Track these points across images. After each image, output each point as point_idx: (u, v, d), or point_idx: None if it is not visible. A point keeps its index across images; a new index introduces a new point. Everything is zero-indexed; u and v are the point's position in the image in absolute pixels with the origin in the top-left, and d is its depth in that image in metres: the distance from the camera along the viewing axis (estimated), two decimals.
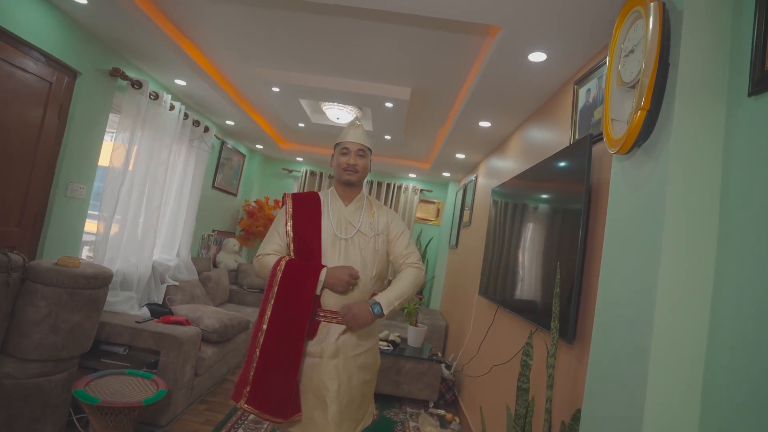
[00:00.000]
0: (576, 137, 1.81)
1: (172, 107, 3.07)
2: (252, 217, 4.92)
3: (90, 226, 2.66)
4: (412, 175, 5.41)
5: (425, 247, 5.33)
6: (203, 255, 4.33)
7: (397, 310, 1.58)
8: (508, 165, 2.96)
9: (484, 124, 2.88)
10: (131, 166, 2.78)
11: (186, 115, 3.31)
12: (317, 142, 4.63)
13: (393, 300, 1.46)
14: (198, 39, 2.51)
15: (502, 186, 2.72)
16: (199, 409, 2.62)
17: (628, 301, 1.08)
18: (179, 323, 2.54)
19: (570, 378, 1.57)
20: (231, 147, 4.57)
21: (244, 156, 4.99)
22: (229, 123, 4.02)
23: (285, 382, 1.40)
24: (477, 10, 1.57)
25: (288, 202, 1.56)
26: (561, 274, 1.54)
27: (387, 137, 3.80)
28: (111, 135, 2.78)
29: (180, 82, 3.00)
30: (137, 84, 2.67)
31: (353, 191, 1.60)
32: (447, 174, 4.93)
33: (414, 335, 3.47)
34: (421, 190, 5.49)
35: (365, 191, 1.66)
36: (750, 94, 0.92)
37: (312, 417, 1.44)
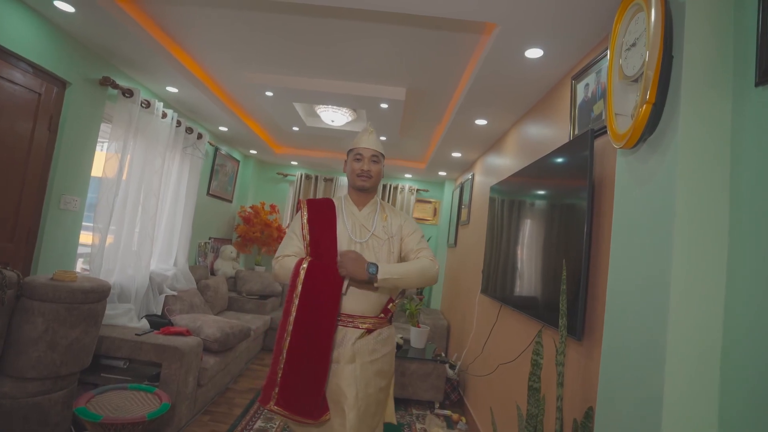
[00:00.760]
0: (576, 132, 1.81)
1: (164, 115, 3.03)
2: (248, 223, 4.88)
3: (85, 237, 2.61)
4: (408, 176, 5.39)
5: None
6: (200, 263, 4.29)
7: (396, 288, 1.52)
8: (505, 162, 2.95)
9: (480, 122, 2.87)
10: (125, 175, 2.73)
11: (179, 123, 3.27)
12: (312, 145, 4.61)
13: (392, 271, 1.44)
14: (189, 45, 2.47)
15: (501, 183, 2.71)
16: (203, 420, 2.58)
17: (640, 297, 1.07)
18: (180, 334, 2.51)
19: (580, 375, 1.56)
20: (225, 153, 4.53)
21: (238, 162, 4.95)
22: (223, 129, 3.98)
23: (314, 381, 1.39)
24: (474, 7, 1.56)
25: (303, 207, 1.58)
26: (566, 270, 1.53)
27: (382, 138, 3.78)
28: (103, 145, 2.74)
29: (172, 89, 2.96)
30: (128, 92, 2.63)
31: (367, 196, 1.62)
32: (443, 173, 4.92)
33: (417, 336, 3.45)
34: (418, 190, 5.48)
35: (378, 196, 1.66)
36: (757, 84, 0.91)
37: (331, 424, 1.43)
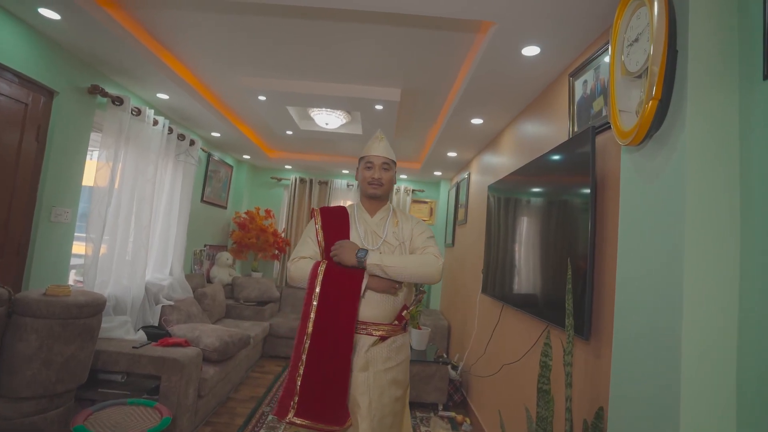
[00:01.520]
0: (575, 129, 1.79)
1: (155, 122, 2.97)
2: (243, 229, 4.82)
3: (78, 248, 2.55)
4: (403, 176, 5.37)
5: None
6: (196, 271, 4.23)
7: (387, 277, 1.44)
8: (502, 161, 2.94)
9: (476, 121, 2.86)
10: (117, 184, 2.68)
11: (170, 130, 3.22)
12: (306, 148, 4.57)
13: (384, 258, 1.42)
14: (179, 51, 2.43)
15: (499, 182, 2.69)
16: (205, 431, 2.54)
17: (652, 295, 1.06)
18: (178, 345, 2.46)
19: (588, 375, 1.55)
20: (218, 159, 4.47)
21: (231, 167, 4.89)
22: (215, 135, 3.93)
23: (337, 384, 1.36)
24: (470, 6, 1.54)
25: (316, 215, 1.59)
26: (571, 269, 1.51)
27: None
28: (93, 154, 2.68)
29: (162, 96, 2.91)
30: (118, 100, 2.58)
31: (379, 203, 1.61)
32: (438, 173, 4.91)
33: (418, 338, 3.42)
34: (413, 190, 5.46)
35: (392, 202, 1.65)
36: (765, 77, 0.90)
37: None
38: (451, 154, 3.87)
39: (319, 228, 1.55)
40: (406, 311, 1.55)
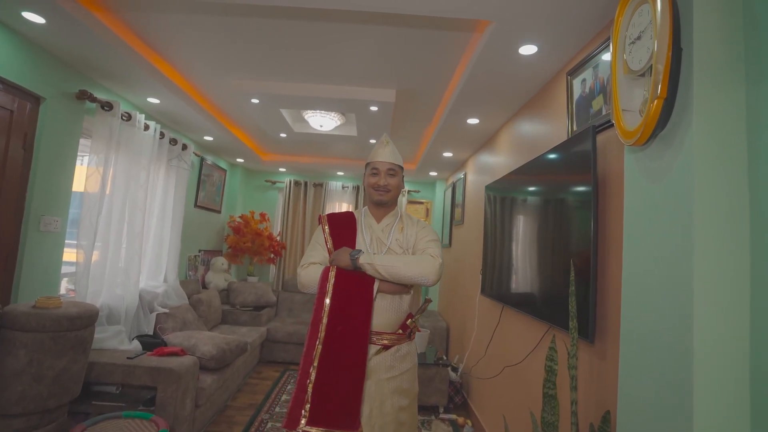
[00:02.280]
0: (574, 128, 1.77)
1: (146, 127, 2.91)
2: (238, 233, 4.77)
3: (69, 255, 2.49)
4: None
5: None
6: (191, 277, 4.16)
7: (381, 277, 1.42)
8: (499, 160, 2.92)
9: (472, 121, 2.83)
10: (108, 190, 2.62)
11: (162, 134, 3.16)
12: (300, 151, 4.52)
13: (377, 258, 1.40)
14: (170, 54, 2.37)
15: (498, 182, 2.67)
16: None
17: (661, 296, 1.03)
18: (174, 354, 2.41)
19: (593, 378, 1.53)
20: (211, 163, 4.41)
21: (225, 171, 4.83)
22: (208, 139, 3.87)
23: (351, 389, 1.33)
24: (468, 5, 1.51)
25: (324, 223, 1.57)
26: (574, 270, 1.49)
27: (372, 141, 3.72)
28: (84, 159, 2.62)
29: (153, 100, 2.85)
30: (107, 105, 2.52)
31: (385, 209, 1.59)
32: (434, 173, 4.88)
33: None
34: (409, 191, 5.43)
35: (400, 207, 1.62)
36: None
37: None
38: (447, 154, 3.85)
39: (328, 235, 1.54)
40: (410, 320, 1.52)
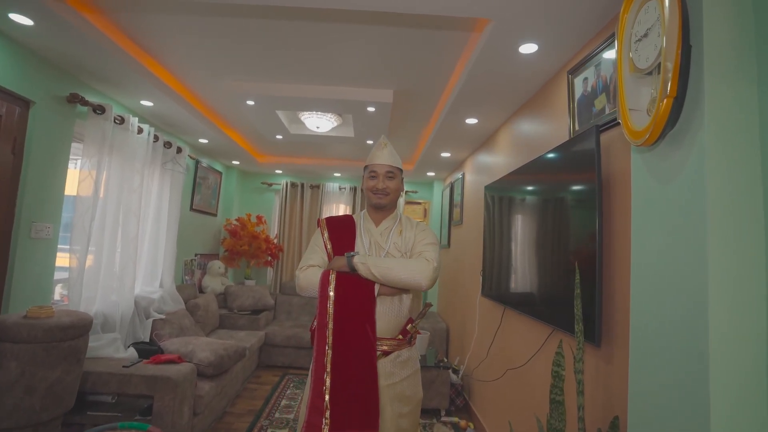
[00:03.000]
0: (576, 128, 1.75)
1: (140, 130, 2.86)
2: (235, 236, 4.72)
3: (62, 260, 2.43)
4: None
5: None
6: (188, 282, 4.11)
7: (374, 278, 1.39)
8: (498, 160, 2.89)
9: (470, 120, 2.80)
10: (102, 194, 2.56)
11: (156, 137, 3.11)
12: (296, 152, 4.48)
13: (370, 259, 1.39)
14: (163, 56, 2.33)
15: (498, 182, 2.64)
16: None
17: (672, 299, 1.00)
18: (171, 361, 2.36)
19: (600, 383, 1.50)
20: (206, 165, 4.36)
21: (220, 174, 4.78)
22: (203, 141, 3.82)
23: (366, 388, 1.31)
24: (467, 3, 1.48)
25: (323, 226, 1.56)
26: (579, 272, 1.46)
27: (369, 142, 3.69)
28: (77, 162, 2.56)
29: (146, 103, 2.80)
30: (99, 109, 2.47)
31: (384, 212, 1.57)
32: (432, 173, 4.85)
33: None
34: (406, 191, 5.40)
35: (399, 209, 1.59)
36: None
37: None
38: (445, 154, 3.82)
39: (327, 239, 1.52)
40: (411, 325, 1.49)
